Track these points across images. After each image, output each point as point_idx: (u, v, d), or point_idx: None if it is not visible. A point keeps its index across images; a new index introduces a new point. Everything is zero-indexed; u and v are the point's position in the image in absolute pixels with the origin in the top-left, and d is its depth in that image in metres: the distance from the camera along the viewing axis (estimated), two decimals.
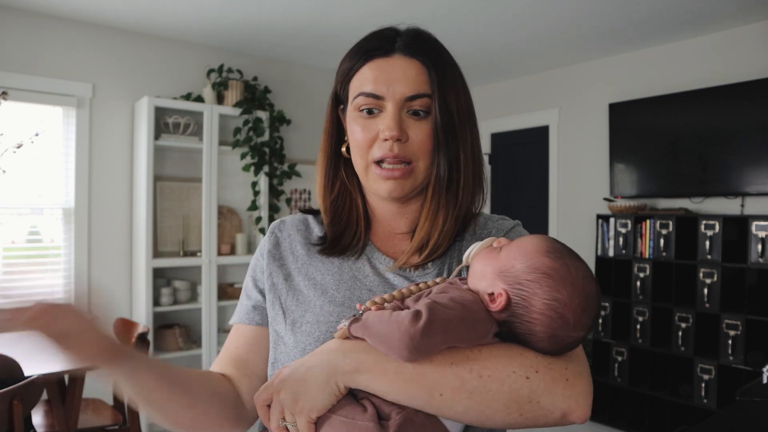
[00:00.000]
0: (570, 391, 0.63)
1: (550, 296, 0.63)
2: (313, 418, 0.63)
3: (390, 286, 0.79)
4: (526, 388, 0.62)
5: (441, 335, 0.61)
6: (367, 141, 0.78)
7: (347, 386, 0.64)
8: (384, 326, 0.62)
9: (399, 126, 0.75)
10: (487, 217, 0.86)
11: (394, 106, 0.76)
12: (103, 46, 3.47)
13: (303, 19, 3.36)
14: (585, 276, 0.64)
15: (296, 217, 0.91)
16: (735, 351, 3.04)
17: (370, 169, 0.79)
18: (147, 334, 2.57)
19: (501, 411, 0.61)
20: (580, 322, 0.63)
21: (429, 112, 0.77)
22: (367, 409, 0.62)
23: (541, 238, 0.68)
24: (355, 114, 0.79)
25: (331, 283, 0.81)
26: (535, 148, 4.52)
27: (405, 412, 0.62)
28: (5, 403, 1.69)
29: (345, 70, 0.81)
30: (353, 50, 0.82)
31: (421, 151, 0.77)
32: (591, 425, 3.63)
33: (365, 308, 0.67)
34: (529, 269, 0.64)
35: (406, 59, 0.77)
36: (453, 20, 3.31)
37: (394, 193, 0.78)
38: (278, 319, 0.82)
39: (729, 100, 3.29)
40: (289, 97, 4.19)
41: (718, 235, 3.15)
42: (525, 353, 0.64)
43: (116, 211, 3.53)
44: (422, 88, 0.76)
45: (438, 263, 0.80)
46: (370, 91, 0.77)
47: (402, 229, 0.85)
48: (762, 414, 1.76)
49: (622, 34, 3.53)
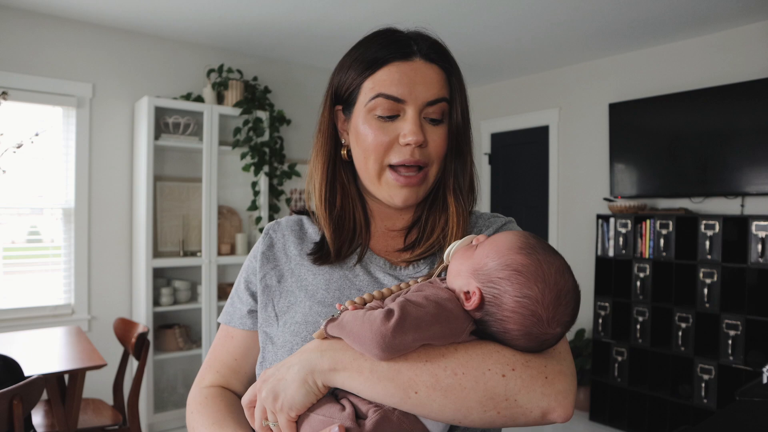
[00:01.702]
0: (549, 389, 0.62)
1: (520, 293, 0.62)
2: (293, 417, 0.64)
3: (380, 287, 0.79)
4: (502, 385, 0.61)
5: (413, 333, 0.61)
6: (384, 145, 0.76)
7: (326, 384, 0.64)
8: (357, 325, 0.62)
9: (422, 130, 0.76)
10: (478, 215, 0.86)
11: (414, 110, 0.75)
12: (103, 46, 3.47)
13: (303, 19, 3.36)
14: (558, 271, 0.64)
15: (291, 219, 0.91)
16: (735, 351, 3.04)
17: (385, 174, 0.78)
18: (147, 334, 2.57)
19: (477, 409, 0.61)
20: (554, 319, 0.63)
21: (443, 118, 0.78)
22: (345, 407, 0.63)
23: (515, 234, 0.67)
24: (368, 116, 0.77)
25: (322, 284, 0.80)
26: (534, 148, 4.52)
27: (382, 410, 0.62)
28: (5, 403, 1.69)
29: (358, 71, 0.78)
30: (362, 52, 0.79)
31: (437, 156, 0.78)
32: (591, 425, 3.63)
33: (344, 308, 0.67)
34: (500, 266, 0.64)
35: (426, 64, 0.77)
36: (453, 20, 3.31)
37: (409, 200, 0.79)
38: (270, 320, 0.81)
39: (729, 100, 3.29)
40: (289, 97, 4.19)
41: (718, 235, 3.15)
42: (502, 351, 0.63)
43: (116, 211, 3.53)
44: (442, 93, 0.77)
45: (429, 262, 0.81)
46: (392, 94, 0.75)
47: (397, 227, 0.85)
48: (762, 414, 1.76)
49: (622, 34, 3.53)
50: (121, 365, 2.74)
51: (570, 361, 0.67)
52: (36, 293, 3.30)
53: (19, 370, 1.92)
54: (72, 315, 3.36)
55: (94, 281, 3.45)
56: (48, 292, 3.33)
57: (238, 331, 0.87)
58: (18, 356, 2.10)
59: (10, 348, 2.37)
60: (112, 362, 3.07)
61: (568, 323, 0.64)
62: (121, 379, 2.73)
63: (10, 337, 2.63)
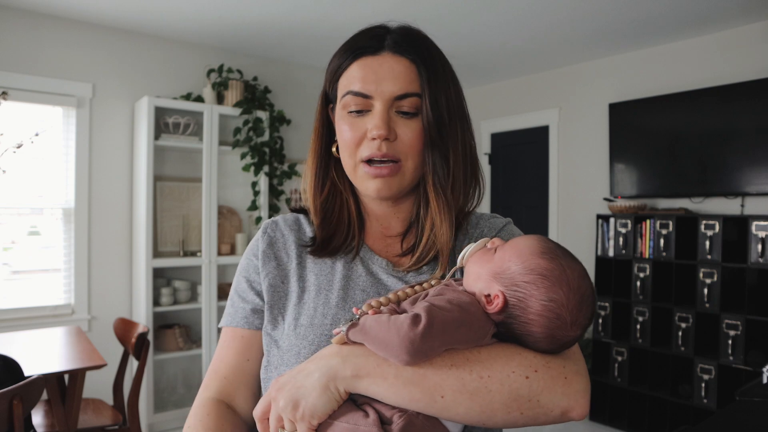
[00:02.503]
0: (568, 389, 0.64)
1: (546, 297, 0.63)
2: (314, 425, 0.63)
3: (383, 287, 0.78)
4: (526, 387, 0.62)
5: (440, 338, 0.61)
6: (355, 140, 0.77)
7: (347, 391, 0.63)
8: (383, 331, 0.62)
9: (387, 125, 0.75)
10: (478, 216, 0.86)
11: (382, 105, 0.75)
12: (103, 46, 3.47)
13: (303, 19, 3.36)
14: (580, 275, 0.65)
15: (288, 217, 0.90)
16: (735, 351, 3.04)
17: (359, 167, 0.78)
18: (147, 334, 2.56)
19: (501, 411, 0.62)
20: (576, 321, 0.64)
21: (418, 111, 0.76)
22: (369, 414, 0.62)
23: (535, 239, 0.68)
24: (343, 113, 0.78)
25: (324, 284, 0.80)
26: (534, 148, 4.52)
27: (407, 415, 0.62)
28: (5, 403, 1.69)
29: (333, 69, 0.80)
30: (342, 48, 0.80)
31: (410, 149, 0.76)
32: (591, 425, 3.63)
33: (362, 312, 0.67)
34: (524, 271, 0.65)
35: (395, 57, 0.76)
36: (453, 20, 3.31)
37: (381, 192, 0.78)
38: (273, 322, 0.80)
39: (729, 100, 3.29)
40: (289, 97, 4.19)
41: (718, 235, 3.15)
42: (523, 353, 0.65)
43: (116, 211, 3.53)
44: (411, 87, 0.75)
45: (431, 264, 0.80)
46: (358, 90, 0.76)
47: (395, 230, 0.85)
48: (762, 414, 1.76)
49: (622, 34, 3.53)
50: (121, 365, 2.74)
51: (583, 362, 0.69)
52: (36, 293, 3.30)
53: (19, 370, 1.92)
54: (72, 315, 3.35)
55: (94, 281, 3.45)
56: (48, 292, 3.33)
57: (245, 331, 0.82)
58: (18, 356, 2.10)
59: (10, 348, 2.37)
60: (112, 362, 3.07)
61: (586, 326, 0.66)
62: (121, 379, 2.73)
63: (10, 337, 2.63)
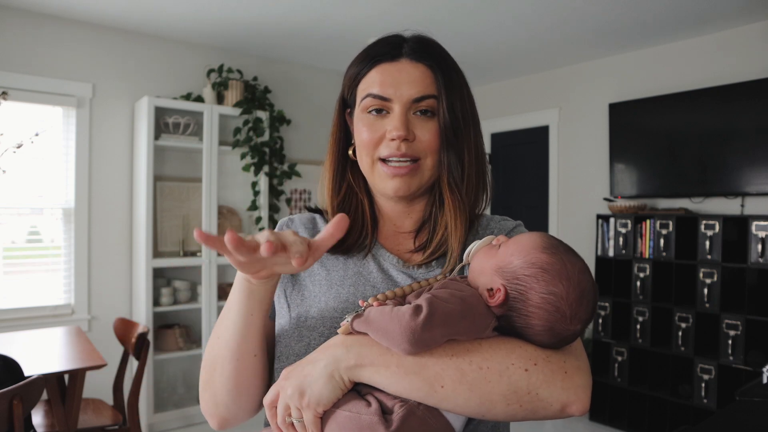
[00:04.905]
0: (568, 383, 0.64)
1: (546, 290, 0.65)
2: (320, 413, 0.65)
3: (394, 284, 0.81)
4: (525, 380, 0.63)
5: (441, 328, 0.63)
6: (374, 140, 0.80)
7: (351, 380, 0.65)
8: (386, 321, 0.64)
9: (405, 126, 0.78)
10: (489, 218, 0.89)
11: (401, 107, 0.79)
12: (103, 46, 3.47)
13: (303, 20, 3.36)
14: (581, 270, 0.67)
15: (304, 216, 0.93)
16: (735, 351, 3.04)
17: (376, 166, 0.81)
18: (147, 334, 2.57)
19: (500, 402, 0.63)
20: (576, 316, 0.65)
21: (435, 113, 0.80)
22: (371, 403, 0.64)
23: (537, 235, 0.70)
24: (362, 115, 0.82)
25: (336, 280, 0.82)
26: (535, 148, 4.52)
27: (407, 405, 0.64)
28: (5, 403, 1.69)
29: (352, 75, 0.84)
30: (360, 56, 0.84)
31: (428, 149, 0.80)
32: (591, 425, 3.63)
33: (367, 304, 0.69)
34: (526, 264, 0.66)
35: (412, 63, 0.80)
36: (453, 20, 3.31)
37: (400, 191, 0.80)
38: (282, 312, 0.82)
39: (729, 100, 3.29)
40: (289, 97, 4.19)
41: (718, 235, 3.15)
42: (524, 346, 0.66)
43: (116, 211, 3.53)
44: (428, 90, 0.79)
45: (442, 262, 0.82)
46: (378, 93, 0.79)
47: (407, 228, 0.87)
48: (762, 414, 1.76)
49: (622, 34, 3.53)
50: (121, 365, 2.74)
51: (585, 358, 0.70)
52: (36, 293, 3.30)
53: (19, 370, 1.92)
54: (72, 315, 3.36)
55: (94, 281, 3.45)
56: (48, 292, 3.33)
57: None
58: (18, 356, 2.10)
59: (10, 348, 2.37)
60: (112, 362, 3.06)
61: (587, 321, 0.67)
62: (121, 379, 2.73)
63: (10, 337, 2.63)
